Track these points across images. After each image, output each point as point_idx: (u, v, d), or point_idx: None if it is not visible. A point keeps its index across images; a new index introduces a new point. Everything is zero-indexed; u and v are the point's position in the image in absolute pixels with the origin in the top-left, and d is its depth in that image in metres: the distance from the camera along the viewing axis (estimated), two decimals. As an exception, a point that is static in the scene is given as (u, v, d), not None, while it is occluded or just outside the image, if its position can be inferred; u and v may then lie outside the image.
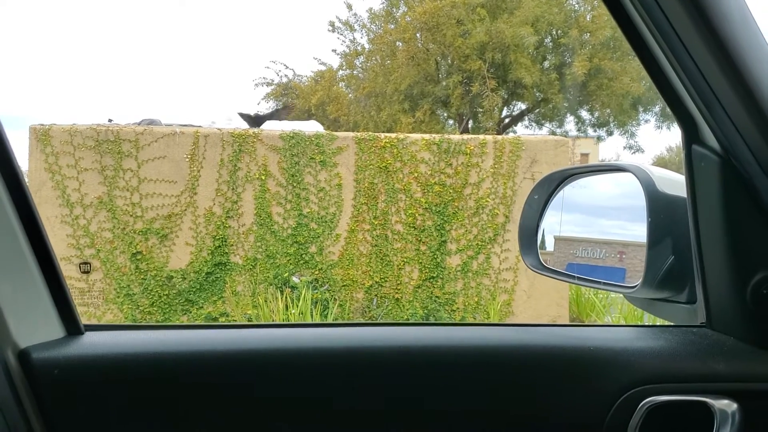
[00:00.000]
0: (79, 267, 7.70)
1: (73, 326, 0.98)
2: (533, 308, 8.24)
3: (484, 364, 0.98)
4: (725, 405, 0.92)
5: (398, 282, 8.25)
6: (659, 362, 0.98)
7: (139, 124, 8.21)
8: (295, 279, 7.96)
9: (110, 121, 8.53)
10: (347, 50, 19.99)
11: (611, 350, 0.99)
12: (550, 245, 1.38)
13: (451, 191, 8.25)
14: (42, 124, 7.70)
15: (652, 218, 1.04)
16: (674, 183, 1.07)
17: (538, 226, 1.31)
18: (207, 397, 0.93)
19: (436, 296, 8.26)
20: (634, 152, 18.61)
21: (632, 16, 0.85)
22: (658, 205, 1.04)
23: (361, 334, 1.02)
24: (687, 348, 0.99)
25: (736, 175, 0.90)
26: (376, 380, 0.96)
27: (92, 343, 0.95)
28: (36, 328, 0.93)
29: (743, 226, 0.92)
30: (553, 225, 1.34)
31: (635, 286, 1.08)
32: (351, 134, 8.30)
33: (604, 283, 1.20)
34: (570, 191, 1.33)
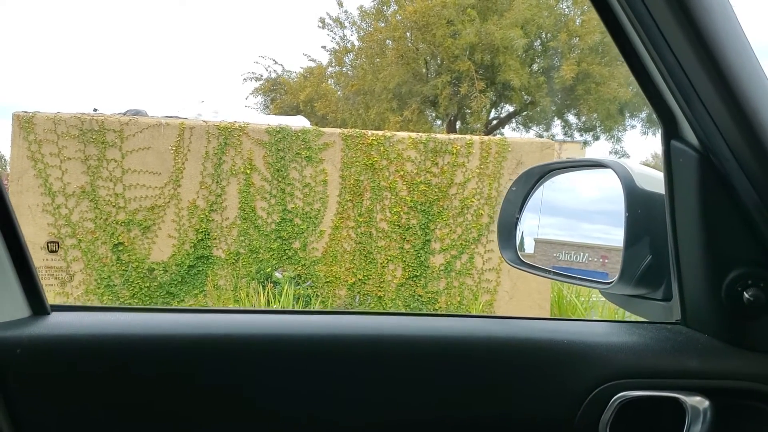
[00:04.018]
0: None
1: (38, 306, 0.96)
2: (515, 309, 8.26)
3: (456, 356, 0.97)
4: (697, 402, 0.92)
5: (381, 280, 8.24)
6: (632, 358, 0.97)
7: (124, 114, 8.14)
8: (277, 274, 7.93)
9: (95, 110, 8.44)
10: (337, 47, 19.98)
11: (584, 344, 0.98)
12: (529, 247, 1.37)
13: (436, 190, 8.26)
14: (26, 112, 7.62)
15: (630, 214, 1.03)
16: (654, 180, 1.06)
17: (517, 220, 1.30)
18: (176, 382, 0.92)
19: (419, 295, 8.27)
20: (619, 157, 18.72)
21: (614, 9, 0.84)
22: (637, 201, 1.04)
23: (333, 322, 1.01)
24: (661, 344, 0.99)
25: (714, 171, 0.89)
26: (346, 368, 0.95)
27: (58, 323, 0.94)
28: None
29: (720, 222, 0.92)
30: (532, 227, 1.34)
31: (611, 282, 1.08)
32: (337, 131, 8.28)
33: (581, 279, 1.20)
34: (552, 195, 1.33)
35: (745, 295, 0.92)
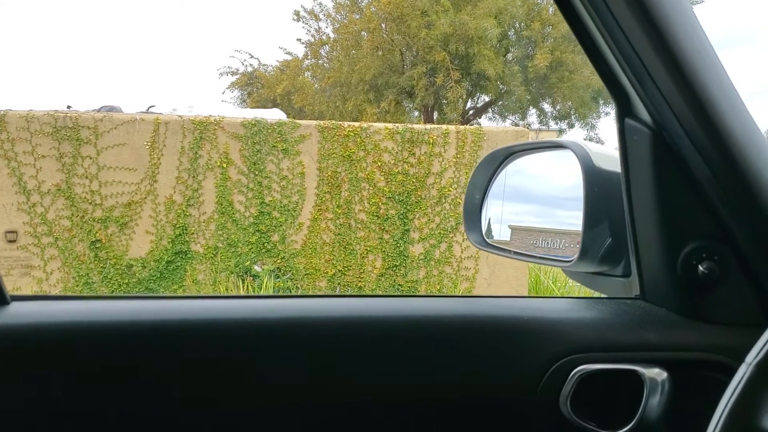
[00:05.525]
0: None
1: None
2: (494, 296, 8.32)
3: (419, 335, 0.98)
4: (655, 374, 0.94)
5: (361, 271, 8.26)
6: (592, 332, 0.99)
7: (98, 110, 8.06)
8: (257, 267, 7.92)
9: (69, 107, 8.36)
10: (312, 40, 19.91)
11: (544, 320, 1.01)
12: (505, 235, 1.38)
13: (414, 180, 8.28)
14: (-3, 110, 7.53)
15: (588, 193, 1.05)
16: (611, 159, 1.08)
17: (482, 203, 1.33)
18: (143, 368, 0.91)
19: (399, 284, 8.30)
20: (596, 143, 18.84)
21: None
22: (595, 180, 1.06)
23: (301, 305, 1.01)
24: (619, 318, 1.01)
25: (667, 147, 0.92)
26: (309, 351, 0.95)
27: (18, 313, 0.92)
28: None
29: (673, 197, 0.94)
30: (497, 212, 1.35)
31: (572, 260, 1.10)
32: (314, 122, 8.25)
33: (542, 258, 1.22)
34: (524, 181, 1.35)
35: (700, 268, 0.94)
